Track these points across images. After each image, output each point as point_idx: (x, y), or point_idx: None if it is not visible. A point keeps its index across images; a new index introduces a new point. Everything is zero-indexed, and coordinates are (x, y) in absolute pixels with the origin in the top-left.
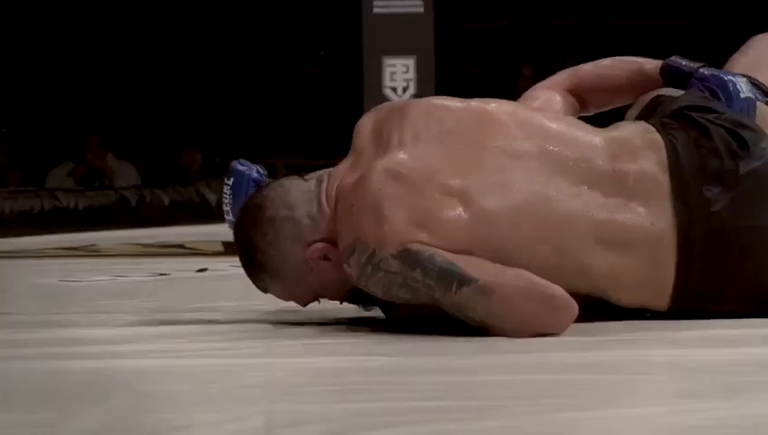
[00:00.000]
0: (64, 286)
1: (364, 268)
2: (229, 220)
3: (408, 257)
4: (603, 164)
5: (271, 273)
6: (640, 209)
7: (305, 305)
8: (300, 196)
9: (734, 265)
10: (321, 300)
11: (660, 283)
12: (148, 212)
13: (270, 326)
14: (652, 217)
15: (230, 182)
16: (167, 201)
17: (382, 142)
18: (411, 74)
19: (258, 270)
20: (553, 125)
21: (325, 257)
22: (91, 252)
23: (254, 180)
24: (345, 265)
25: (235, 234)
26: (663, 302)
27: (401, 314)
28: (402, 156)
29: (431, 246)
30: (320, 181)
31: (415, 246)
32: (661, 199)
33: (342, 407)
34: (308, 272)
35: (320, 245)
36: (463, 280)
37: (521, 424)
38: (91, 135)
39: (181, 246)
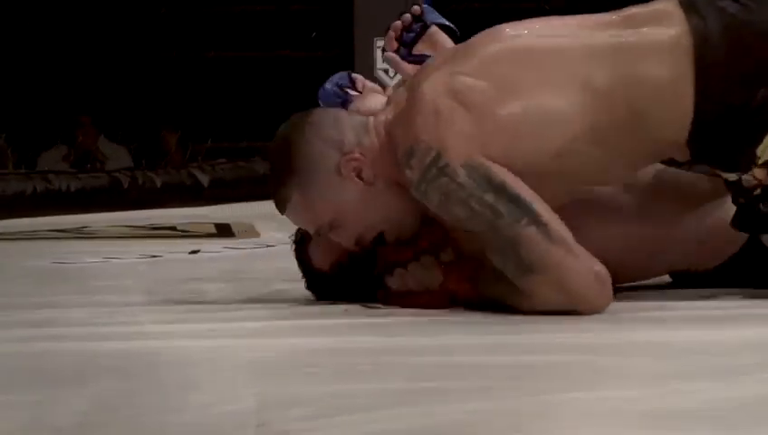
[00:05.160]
0: (57, 268)
1: (427, 170)
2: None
3: (478, 174)
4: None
5: (299, 176)
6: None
7: (314, 231)
8: (349, 118)
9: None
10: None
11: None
12: (141, 194)
13: (261, 307)
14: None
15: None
16: (159, 183)
17: (447, 63)
18: None
19: (286, 173)
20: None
21: (359, 175)
22: (83, 234)
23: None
24: (407, 171)
25: (275, 138)
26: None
27: (395, 303)
28: (467, 78)
29: (496, 163)
30: (371, 117)
31: (485, 164)
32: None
33: (333, 388)
34: (336, 185)
35: (358, 156)
36: (535, 218)
37: (509, 405)
38: (83, 114)
39: (173, 228)
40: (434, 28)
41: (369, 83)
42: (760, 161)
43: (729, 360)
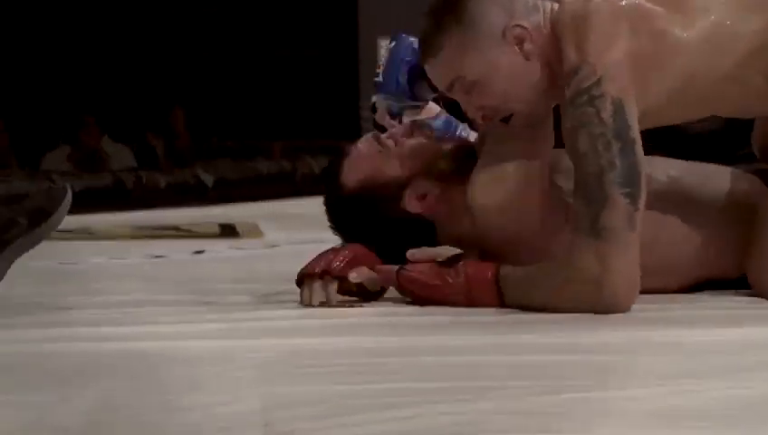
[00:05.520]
0: (62, 269)
1: (580, 95)
2: (376, 81)
3: (621, 118)
4: None
5: (462, 25)
6: None
7: (447, 87)
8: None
9: None
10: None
11: None
12: (144, 194)
13: (265, 308)
14: None
15: (391, 45)
16: (163, 183)
17: None
18: None
19: (450, 19)
20: None
21: (520, 46)
22: (88, 234)
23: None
24: (565, 88)
25: None
26: None
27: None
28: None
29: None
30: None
31: (632, 112)
32: None
33: (339, 388)
34: (495, 46)
35: (526, 26)
36: (635, 195)
37: (520, 405)
38: (86, 114)
39: (177, 229)
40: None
41: None
42: None
43: (740, 359)
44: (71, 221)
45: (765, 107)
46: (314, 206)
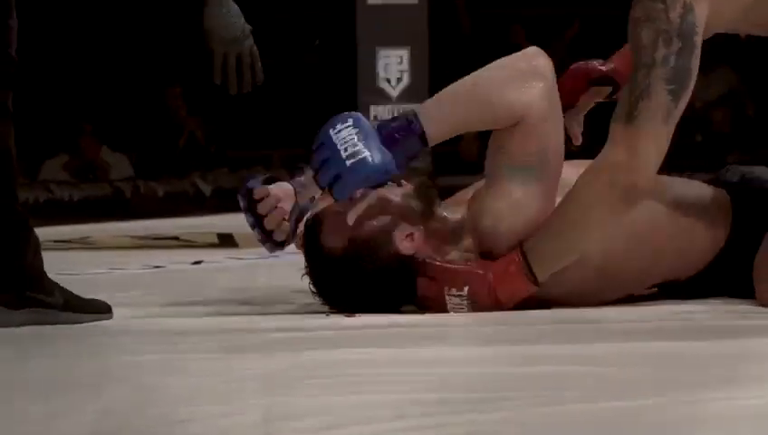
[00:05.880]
0: (62, 280)
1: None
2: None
3: (689, 21)
4: None
5: None
6: None
7: None
8: None
9: None
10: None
11: None
12: (143, 204)
13: (266, 319)
14: None
15: (350, 123)
16: (161, 193)
17: None
18: (405, 65)
19: None
20: None
21: None
22: (86, 244)
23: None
24: None
25: None
26: None
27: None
28: None
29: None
30: None
31: (701, 17)
32: None
33: (340, 399)
34: None
35: None
36: (679, 96)
37: (522, 416)
38: (85, 122)
39: (176, 238)
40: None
41: None
42: None
43: (728, 371)
44: (69, 231)
45: None
46: None
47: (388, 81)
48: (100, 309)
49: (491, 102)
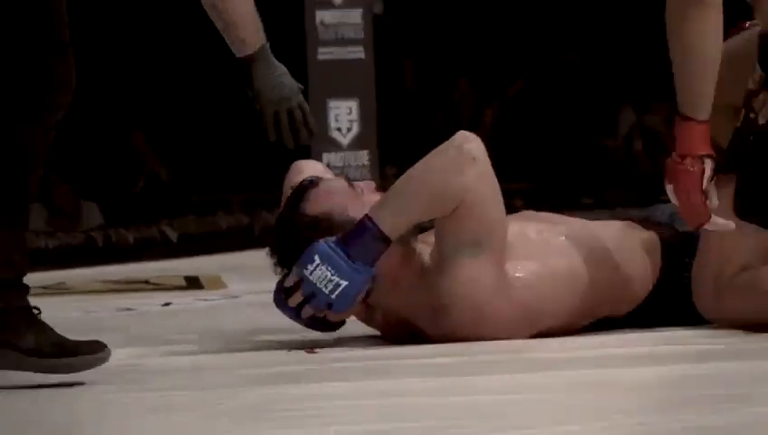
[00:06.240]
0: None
1: None
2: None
3: None
4: None
5: None
6: None
7: None
8: None
9: None
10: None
11: None
12: (114, 250)
13: (234, 356)
14: None
15: (318, 261)
16: (131, 239)
17: None
18: (355, 115)
19: None
20: None
21: None
22: (63, 289)
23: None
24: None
25: None
26: None
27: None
28: None
29: None
30: None
31: None
32: None
33: (301, 432)
34: None
35: None
36: None
37: None
38: (53, 173)
39: (146, 282)
40: None
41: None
42: None
43: (669, 394)
44: (46, 277)
45: None
46: None
47: (339, 130)
48: (95, 350)
49: (433, 193)
